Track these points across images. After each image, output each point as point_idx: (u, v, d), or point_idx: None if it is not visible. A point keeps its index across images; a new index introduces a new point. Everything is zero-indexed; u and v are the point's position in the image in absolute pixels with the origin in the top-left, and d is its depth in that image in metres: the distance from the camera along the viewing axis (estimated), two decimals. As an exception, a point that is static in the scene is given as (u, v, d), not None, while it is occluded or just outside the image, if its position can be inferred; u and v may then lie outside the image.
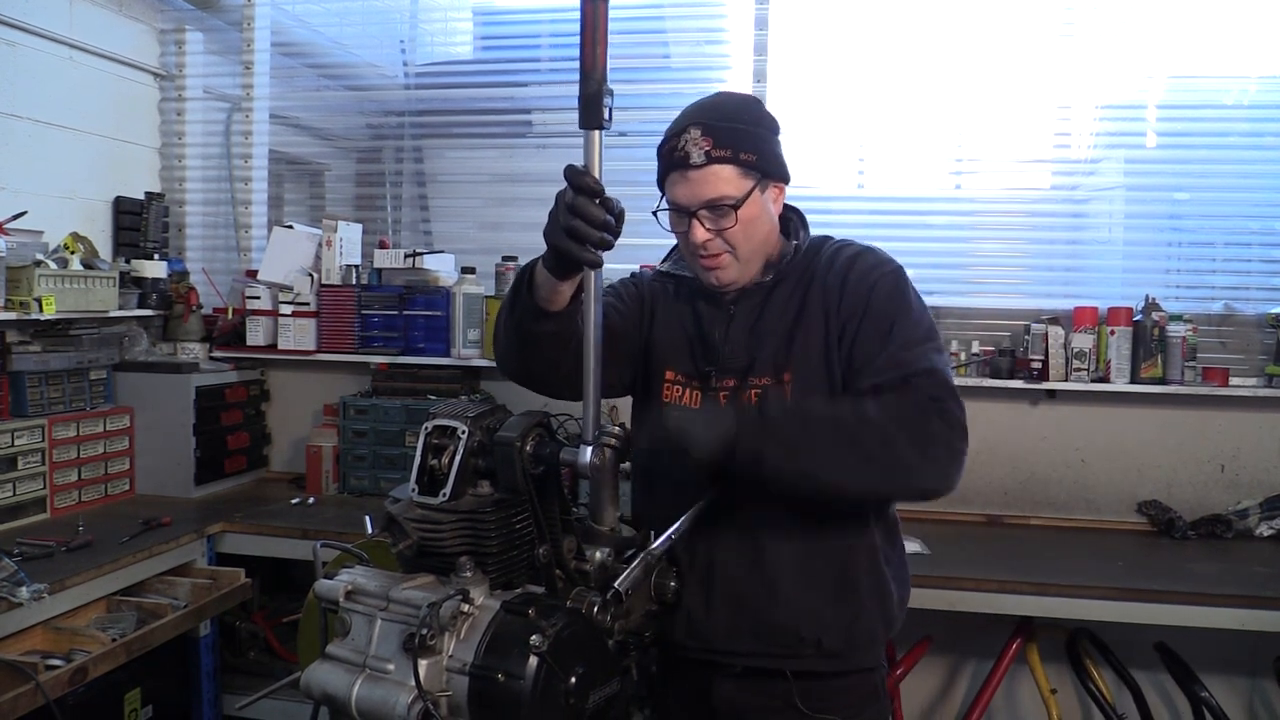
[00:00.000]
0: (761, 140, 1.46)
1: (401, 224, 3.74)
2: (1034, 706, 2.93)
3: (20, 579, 2.18)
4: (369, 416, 3.18)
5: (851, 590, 1.44)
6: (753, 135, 1.45)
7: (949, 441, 1.33)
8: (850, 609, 1.44)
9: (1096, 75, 3.11)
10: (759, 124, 1.47)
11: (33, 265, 2.74)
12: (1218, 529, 2.87)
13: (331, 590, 1.15)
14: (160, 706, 2.63)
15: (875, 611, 1.47)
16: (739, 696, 1.48)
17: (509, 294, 1.42)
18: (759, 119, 1.48)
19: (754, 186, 1.43)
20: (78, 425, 2.93)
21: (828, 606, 1.43)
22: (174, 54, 3.62)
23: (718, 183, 1.41)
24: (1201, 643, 2.69)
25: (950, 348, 3.14)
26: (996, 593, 2.42)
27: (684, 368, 1.53)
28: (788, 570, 1.43)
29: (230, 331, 3.40)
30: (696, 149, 1.41)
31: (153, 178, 3.61)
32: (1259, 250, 3.09)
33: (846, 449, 1.28)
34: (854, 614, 1.45)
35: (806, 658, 1.43)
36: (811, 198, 3.35)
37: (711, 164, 1.41)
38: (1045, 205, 3.21)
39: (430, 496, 1.16)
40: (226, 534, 2.84)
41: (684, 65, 3.44)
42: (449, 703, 1.04)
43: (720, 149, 1.41)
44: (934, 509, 3.12)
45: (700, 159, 1.41)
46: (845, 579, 1.44)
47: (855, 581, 1.45)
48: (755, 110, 1.50)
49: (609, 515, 1.31)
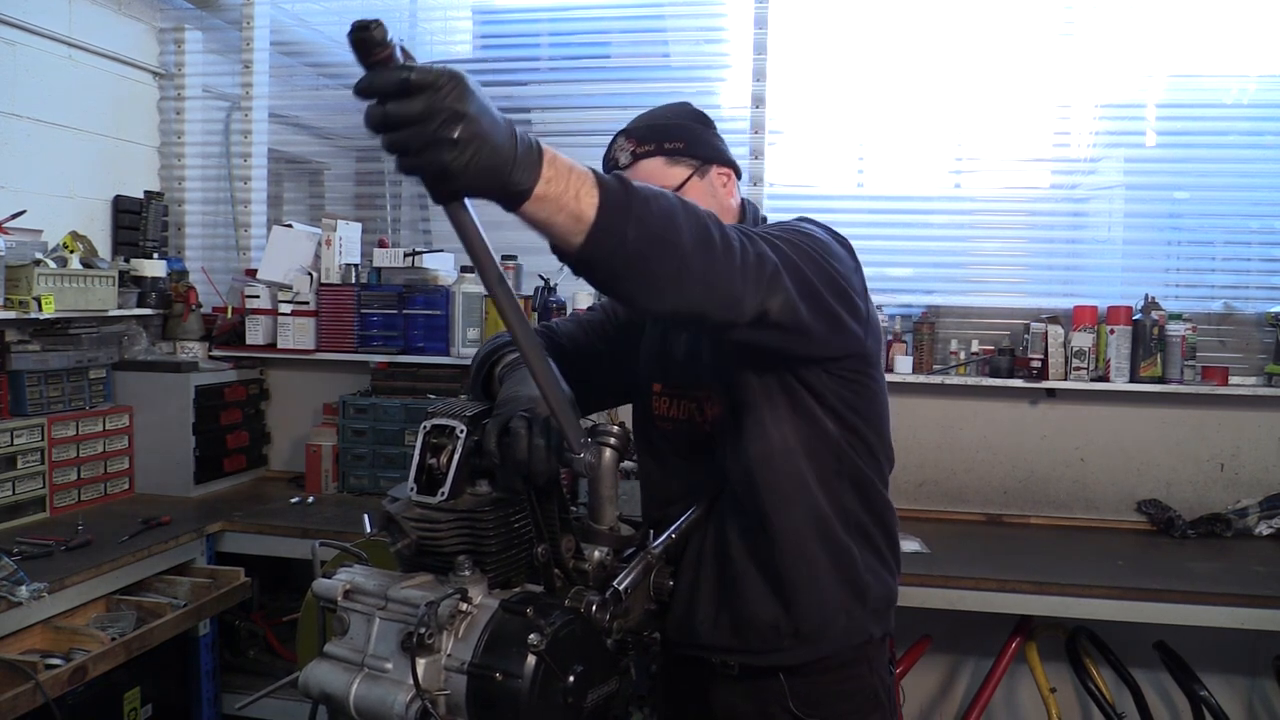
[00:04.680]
0: (687, 130, 1.49)
1: (401, 223, 3.74)
2: (1033, 705, 2.93)
3: (20, 578, 2.18)
4: (368, 416, 3.18)
5: (811, 567, 1.41)
6: (676, 127, 1.49)
7: (758, 259, 1.14)
8: (815, 586, 1.41)
9: (1096, 74, 3.11)
10: (683, 117, 1.52)
11: (32, 264, 2.74)
12: (1217, 528, 2.87)
13: (330, 589, 1.14)
14: (160, 706, 2.63)
15: (836, 580, 1.42)
16: (739, 704, 1.47)
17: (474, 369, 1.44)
18: (683, 114, 1.53)
19: (691, 174, 1.46)
20: (77, 424, 2.93)
21: (794, 590, 1.40)
22: (173, 53, 3.63)
23: (649, 176, 1.43)
24: (1201, 642, 2.69)
25: (950, 346, 3.15)
26: (996, 592, 2.42)
27: (664, 380, 1.54)
28: (752, 560, 1.42)
29: (230, 331, 3.40)
30: (624, 153, 1.47)
31: (152, 177, 3.61)
32: (1258, 249, 3.09)
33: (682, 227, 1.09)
34: (819, 590, 1.41)
35: (788, 649, 1.42)
36: (811, 197, 3.39)
37: (638, 160, 1.46)
38: (1045, 204, 3.22)
39: (429, 496, 1.15)
40: (226, 533, 2.84)
41: (684, 65, 3.45)
42: (447, 701, 1.04)
43: (644, 145, 1.46)
44: (934, 509, 3.13)
45: (627, 160, 1.46)
46: (803, 558, 1.40)
47: (813, 557, 1.41)
48: (680, 108, 1.55)
49: (608, 514, 1.31)
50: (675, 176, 1.46)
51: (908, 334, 3.14)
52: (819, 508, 1.42)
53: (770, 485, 1.39)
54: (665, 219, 1.03)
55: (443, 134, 0.84)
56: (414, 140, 0.84)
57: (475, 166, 0.86)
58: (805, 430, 1.40)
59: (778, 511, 1.40)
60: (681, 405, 1.51)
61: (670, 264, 1.04)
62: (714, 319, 1.12)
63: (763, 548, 1.41)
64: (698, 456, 1.49)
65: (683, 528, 1.41)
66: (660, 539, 1.34)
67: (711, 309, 1.11)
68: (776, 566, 1.41)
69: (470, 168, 0.86)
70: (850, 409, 1.42)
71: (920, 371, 3.08)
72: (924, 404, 3.12)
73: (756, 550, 1.42)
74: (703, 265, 1.06)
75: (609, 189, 0.99)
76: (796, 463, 1.40)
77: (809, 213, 1.59)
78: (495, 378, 1.37)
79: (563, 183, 0.95)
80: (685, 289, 1.07)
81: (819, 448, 1.41)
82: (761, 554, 1.42)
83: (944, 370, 3.10)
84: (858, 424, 1.43)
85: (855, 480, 1.45)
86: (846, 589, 1.43)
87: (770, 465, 1.39)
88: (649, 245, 1.02)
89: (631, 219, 1.00)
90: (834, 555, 1.42)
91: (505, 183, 0.90)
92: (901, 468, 1.68)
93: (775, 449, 1.39)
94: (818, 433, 1.41)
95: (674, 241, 1.04)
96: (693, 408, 1.49)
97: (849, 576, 1.43)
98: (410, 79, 0.82)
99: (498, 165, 0.88)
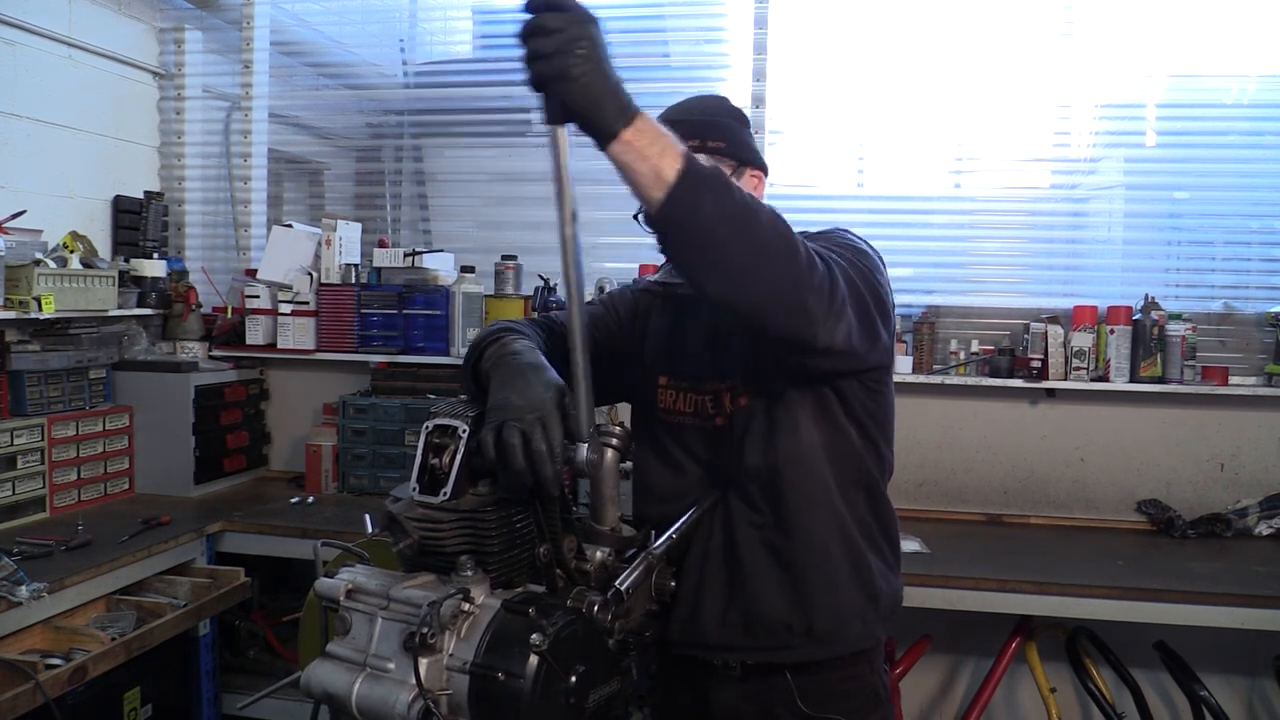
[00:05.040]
0: (728, 129, 1.51)
1: (401, 223, 3.74)
2: (1033, 705, 2.93)
3: (20, 578, 2.18)
4: (368, 416, 3.18)
5: (831, 571, 1.42)
6: (718, 125, 1.51)
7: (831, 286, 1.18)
8: (834, 590, 1.42)
9: (1096, 74, 3.12)
10: (725, 115, 1.54)
11: (32, 264, 2.74)
12: (1217, 528, 2.88)
13: (332, 589, 1.14)
14: (160, 706, 2.63)
15: (855, 585, 1.44)
16: (740, 704, 1.47)
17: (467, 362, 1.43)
18: (725, 111, 1.55)
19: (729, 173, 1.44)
20: (77, 424, 2.93)
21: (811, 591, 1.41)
22: (173, 53, 3.62)
23: None
24: (1201, 642, 2.69)
25: (950, 346, 3.15)
26: (996, 591, 2.42)
27: (673, 373, 1.54)
28: (766, 559, 1.42)
29: (229, 331, 3.40)
30: None
31: (152, 177, 3.61)
32: (1258, 249, 3.09)
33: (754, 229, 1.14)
34: (837, 594, 1.43)
35: (799, 647, 1.43)
36: (811, 197, 3.38)
37: None
38: (1045, 204, 3.22)
39: (431, 496, 1.15)
40: (226, 533, 2.84)
41: (684, 65, 3.44)
42: (449, 701, 1.04)
43: (690, 140, 1.43)
44: (934, 509, 3.13)
45: None
46: (825, 561, 1.42)
47: (834, 561, 1.42)
48: (722, 104, 1.58)
49: (610, 514, 1.31)
50: None
51: (908, 334, 3.14)
52: (839, 512, 1.43)
53: (796, 485, 1.41)
54: (742, 207, 1.11)
55: (572, 46, 1.02)
56: (549, 45, 1.02)
57: (584, 85, 1.04)
58: (830, 436, 1.42)
59: (802, 512, 1.41)
60: (690, 399, 1.51)
61: (740, 251, 1.11)
62: (776, 325, 1.16)
63: (779, 546, 1.42)
64: (704, 451, 1.49)
65: (684, 528, 1.41)
66: (662, 539, 1.34)
67: (775, 313, 1.15)
68: (795, 567, 1.42)
69: (580, 81, 1.03)
70: (870, 417, 1.45)
71: (920, 371, 3.08)
72: (924, 404, 3.12)
73: (772, 549, 1.42)
74: (778, 267, 1.13)
75: (692, 160, 1.10)
76: (821, 466, 1.41)
77: (809, 213, 1.59)
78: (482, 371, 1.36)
79: (648, 139, 1.09)
80: (752, 282, 1.13)
81: (841, 455, 1.43)
82: (777, 553, 1.42)
83: (944, 370, 3.10)
84: (874, 431, 1.46)
85: (868, 487, 1.48)
86: (862, 594, 1.45)
87: (800, 464, 1.40)
88: (721, 224, 1.10)
89: (707, 193, 1.09)
90: (853, 560, 1.44)
91: (602, 113, 1.06)
92: (901, 468, 1.68)
93: (805, 449, 1.41)
94: (841, 440, 1.43)
95: (748, 230, 1.11)
96: (706, 402, 1.49)
97: (865, 581, 1.45)
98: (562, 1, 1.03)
99: (601, 94, 1.05)
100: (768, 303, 1.14)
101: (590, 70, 1.03)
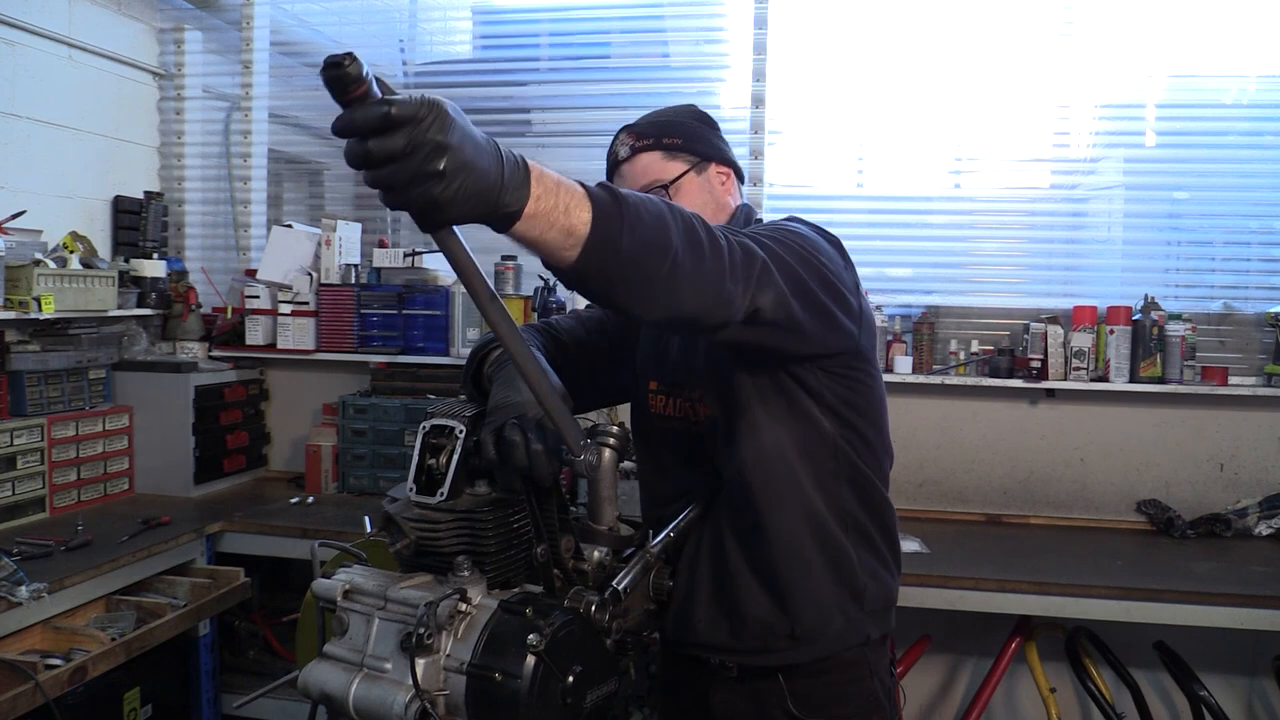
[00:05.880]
0: (687, 127, 1.53)
1: (401, 223, 3.74)
2: (1033, 705, 2.93)
3: (19, 578, 2.18)
4: (368, 416, 3.18)
5: (806, 568, 1.40)
6: (677, 124, 1.54)
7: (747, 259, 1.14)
8: (810, 587, 1.40)
9: (1096, 74, 3.12)
10: (685, 115, 1.57)
11: (32, 264, 2.74)
12: (1217, 528, 2.88)
13: (329, 589, 1.14)
14: (159, 706, 2.63)
15: (833, 581, 1.41)
16: (739, 705, 1.47)
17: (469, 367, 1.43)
18: (685, 113, 1.58)
19: (688, 169, 1.50)
20: (77, 425, 2.93)
21: (789, 590, 1.40)
22: (173, 53, 3.63)
23: (646, 169, 1.50)
24: (1200, 642, 2.69)
25: (950, 346, 3.15)
26: (996, 592, 2.42)
27: (660, 378, 1.54)
28: (747, 560, 1.42)
29: (229, 331, 3.40)
30: (624, 147, 1.53)
31: (152, 177, 3.61)
32: (1258, 249, 3.09)
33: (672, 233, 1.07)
34: (814, 591, 1.40)
35: (785, 649, 1.42)
36: (811, 197, 3.39)
37: (636, 154, 1.51)
38: (1044, 204, 3.22)
39: (428, 496, 1.15)
40: (226, 533, 2.84)
41: (683, 65, 3.45)
42: (446, 702, 1.04)
43: (643, 139, 1.52)
44: (934, 509, 3.13)
45: (626, 153, 1.52)
46: (798, 558, 1.40)
47: (808, 558, 1.40)
48: (683, 108, 1.59)
49: (607, 514, 1.31)
50: (671, 170, 1.50)
51: (907, 334, 3.13)
52: (814, 508, 1.41)
53: (762, 485, 1.39)
54: (656, 224, 1.02)
55: (428, 168, 0.82)
56: (399, 176, 0.82)
57: (464, 196, 0.84)
58: (801, 430, 1.39)
59: (771, 511, 1.40)
60: (676, 403, 1.51)
61: (662, 269, 1.03)
62: (707, 321, 1.11)
63: (757, 548, 1.41)
64: (694, 455, 1.49)
65: (680, 527, 1.41)
66: (658, 539, 1.34)
67: (704, 312, 1.10)
68: (771, 567, 1.40)
69: (459, 198, 0.84)
70: (847, 406, 1.41)
71: (920, 372, 3.08)
72: (924, 404, 3.12)
73: (751, 550, 1.42)
74: (693, 268, 1.05)
75: (600, 201, 0.97)
76: (790, 463, 1.39)
77: (809, 213, 1.59)
78: (485, 376, 1.36)
79: (552, 198, 0.93)
80: (677, 293, 1.06)
81: (815, 448, 1.40)
82: (756, 554, 1.41)
83: (944, 370, 3.10)
84: (855, 421, 1.42)
85: (854, 480, 1.44)
86: (843, 589, 1.42)
87: (763, 465, 1.39)
88: (642, 252, 1.00)
89: (625, 228, 0.98)
90: (830, 556, 1.42)
91: (495, 206, 0.89)
92: (901, 468, 1.68)
93: (767, 449, 1.38)
94: (814, 432, 1.40)
95: (665, 246, 1.02)
96: (687, 406, 1.49)
97: (845, 577, 1.43)
98: (390, 113, 0.80)
99: (486, 190, 0.87)
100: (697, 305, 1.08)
101: (462, 178, 0.83)
